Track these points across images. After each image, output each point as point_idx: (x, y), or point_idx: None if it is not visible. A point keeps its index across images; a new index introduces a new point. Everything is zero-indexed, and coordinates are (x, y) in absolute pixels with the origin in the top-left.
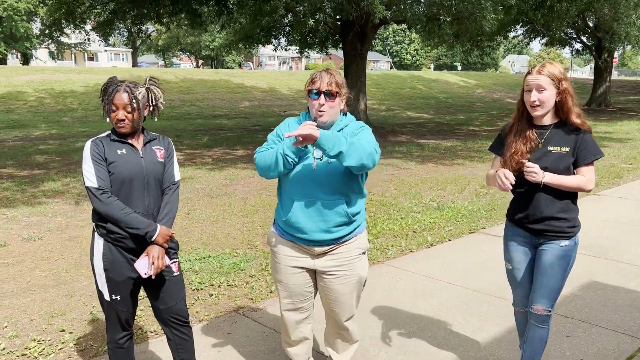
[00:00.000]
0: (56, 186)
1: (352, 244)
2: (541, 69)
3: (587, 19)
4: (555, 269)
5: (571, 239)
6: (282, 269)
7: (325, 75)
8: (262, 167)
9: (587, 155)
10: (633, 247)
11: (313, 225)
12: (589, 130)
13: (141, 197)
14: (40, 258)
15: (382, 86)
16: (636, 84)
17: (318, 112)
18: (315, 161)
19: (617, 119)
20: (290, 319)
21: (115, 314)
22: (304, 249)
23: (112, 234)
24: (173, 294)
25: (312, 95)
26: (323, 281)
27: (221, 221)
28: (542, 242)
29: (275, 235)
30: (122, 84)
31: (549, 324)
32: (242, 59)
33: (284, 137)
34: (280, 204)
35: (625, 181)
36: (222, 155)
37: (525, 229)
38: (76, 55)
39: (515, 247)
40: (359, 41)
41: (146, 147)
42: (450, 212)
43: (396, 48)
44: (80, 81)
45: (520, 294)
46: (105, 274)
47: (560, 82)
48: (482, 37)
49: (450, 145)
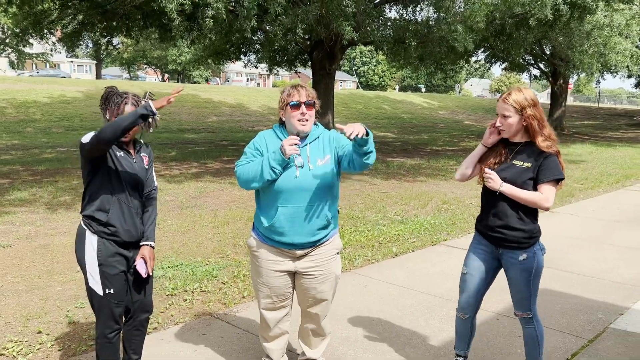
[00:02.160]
0: (23, 195)
1: (329, 245)
2: (507, 97)
3: (544, 46)
4: (520, 282)
5: (529, 250)
6: (264, 272)
7: (301, 89)
8: (245, 179)
9: (547, 174)
10: (579, 259)
11: (297, 230)
12: (555, 153)
13: (130, 196)
14: (10, 265)
15: (349, 105)
16: (590, 109)
17: (300, 122)
18: (298, 170)
19: (571, 142)
20: (270, 317)
21: (109, 308)
22: (286, 253)
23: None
24: (146, 288)
25: (292, 107)
26: (303, 281)
27: (192, 231)
28: (501, 252)
29: (257, 241)
30: (128, 95)
31: (535, 323)
32: (209, 74)
33: (270, 151)
34: (261, 211)
35: (577, 200)
36: (191, 168)
37: (486, 237)
38: (37, 66)
39: (475, 255)
40: (328, 60)
41: (137, 154)
42: (414, 226)
43: (363, 69)
44: (44, 91)
45: (465, 299)
46: (100, 269)
47: (524, 109)
48: (446, 59)
49: (414, 163)
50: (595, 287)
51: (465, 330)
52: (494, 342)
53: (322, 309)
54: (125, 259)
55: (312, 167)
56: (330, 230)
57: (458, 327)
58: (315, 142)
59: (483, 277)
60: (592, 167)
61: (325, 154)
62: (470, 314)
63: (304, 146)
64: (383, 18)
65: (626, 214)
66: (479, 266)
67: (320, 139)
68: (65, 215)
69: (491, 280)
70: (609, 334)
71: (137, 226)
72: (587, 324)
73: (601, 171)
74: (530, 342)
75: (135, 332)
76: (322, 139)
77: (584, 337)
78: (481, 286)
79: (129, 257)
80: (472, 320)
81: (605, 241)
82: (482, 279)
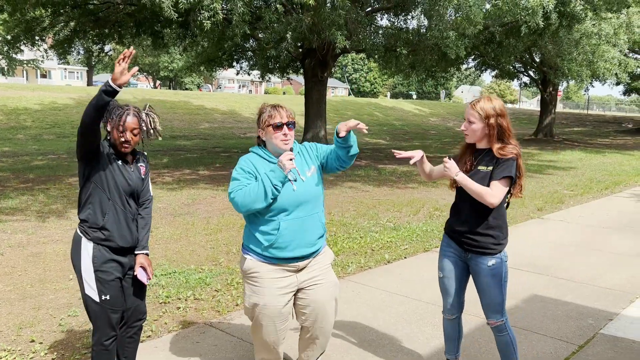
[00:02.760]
0: (14, 204)
1: (324, 255)
2: (475, 104)
3: (533, 54)
4: (491, 288)
5: (497, 256)
6: (265, 291)
7: (281, 109)
8: (246, 203)
9: (498, 172)
10: (569, 265)
11: (299, 242)
12: (513, 156)
13: (128, 203)
14: (2, 273)
15: (341, 112)
16: (579, 116)
17: (283, 142)
18: (293, 183)
19: (561, 148)
20: (272, 341)
21: (105, 315)
22: (288, 268)
23: (103, 231)
24: (139, 294)
25: (275, 128)
26: (307, 294)
27: (184, 239)
28: (470, 257)
29: (253, 261)
30: (129, 108)
31: (507, 329)
32: (201, 81)
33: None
34: (259, 233)
35: (567, 206)
36: (183, 175)
37: (455, 240)
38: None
39: (447, 258)
40: (320, 68)
41: (134, 164)
42: (406, 232)
43: (355, 76)
44: (35, 99)
45: (449, 301)
46: (95, 275)
47: (489, 117)
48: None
49: (406, 170)
50: (585, 293)
51: (454, 332)
52: (485, 348)
53: (328, 322)
54: (120, 265)
55: (304, 179)
56: (324, 239)
57: (446, 329)
58: (298, 156)
59: (459, 278)
60: (582, 174)
61: (310, 165)
62: (457, 313)
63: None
64: (375, 26)
65: (615, 220)
66: (452, 269)
67: (301, 152)
68: (57, 223)
69: (467, 280)
70: (598, 340)
71: (133, 232)
72: (577, 330)
73: (590, 177)
74: (505, 349)
75: (128, 339)
76: (302, 152)
77: (574, 343)
78: (459, 287)
79: (124, 264)
80: (459, 321)
81: (594, 247)
82: (458, 279)
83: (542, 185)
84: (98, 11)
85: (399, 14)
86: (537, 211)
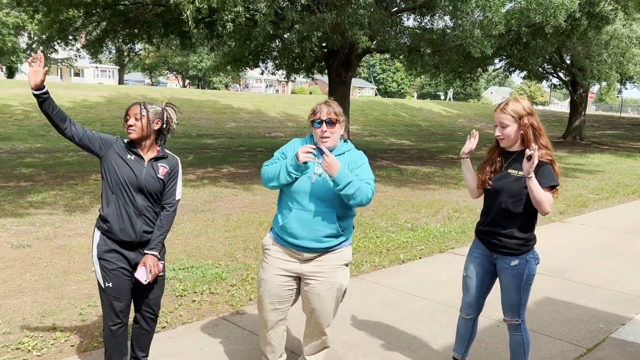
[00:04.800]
0: (43, 198)
1: (337, 254)
2: (504, 107)
3: (563, 55)
4: (511, 288)
5: (521, 257)
6: (269, 268)
7: (324, 106)
8: (265, 178)
9: (543, 180)
10: (588, 269)
11: (305, 233)
12: (548, 162)
13: (134, 198)
14: (29, 264)
15: (366, 112)
16: (612, 119)
17: (322, 139)
18: (315, 177)
19: (589, 151)
20: (267, 318)
21: (109, 301)
22: (294, 254)
23: (105, 223)
24: (154, 290)
25: (315, 125)
26: (307, 286)
27: (204, 235)
28: (496, 257)
29: (271, 239)
30: (138, 102)
31: (523, 330)
32: (229, 81)
33: (287, 155)
34: (279, 212)
35: (590, 210)
36: (207, 173)
37: (483, 241)
38: (62, 71)
39: (473, 259)
40: (344, 68)
41: (152, 161)
42: (423, 233)
43: (382, 76)
44: (67, 96)
45: (467, 300)
46: (99, 262)
47: (522, 118)
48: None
49: (428, 171)
50: (599, 297)
51: (466, 332)
52: (492, 348)
53: (325, 314)
54: (124, 257)
55: (330, 178)
56: (341, 241)
57: (460, 327)
58: (340, 157)
59: (482, 280)
60: (609, 178)
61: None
62: (473, 314)
63: None
64: (400, 27)
65: (639, 225)
66: (477, 270)
67: (345, 156)
68: (82, 217)
69: (490, 284)
70: (608, 344)
71: (137, 228)
72: (587, 333)
73: (618, 181)
74: (516, 349)
75: (142, 331)
76: (346, 156)
77: (582, 346)
78: (481, 288)
79: (129, 258)
80: (474, 322)
81: (615, 252)
82: (482, 281)
83: (566, 189)
84: (128, 12)
85: (424, 15)
86: (559, 214)
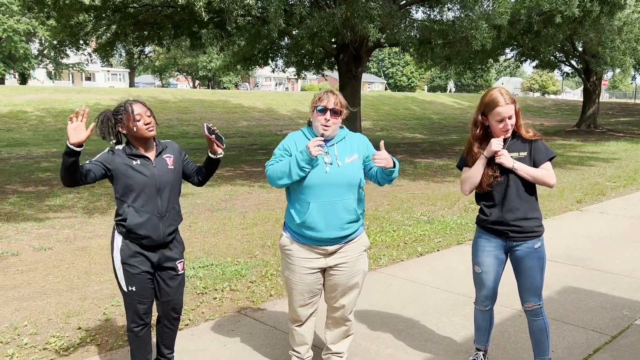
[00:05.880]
0: (61, 201)
1: (358, 242)
2: (506, 99)
3: (575, 43)
4: (535, 271)
5: (540, 238)
6: (297, 269)
7: (331, 95)
8: (274, 177)
9: (542, 155)
10: (608, 257)
11: (328, 224)
12: (539, 137)
13: (154, 201)
14: (52, 266)
15: (377, 107)
16: (626, 105)
17: (323, 127)
18: (327, 166)
19: (604, 139)
20: (301, 313)
21: (133, 304)
22: (318, 250)
23: (130, 233)
24: (174, 289)
25: (318, 111)
26: (332, 277)
27: (222, 233)
28: (514, 245)
29: (289, 239)
30: (129, 102)
31: (543, 314)
32: (238, 80)
33: (298, 150)
34: (293, 209)
35: (608, 198)
36: (221, 172)
37: (497, 233)
38: (73, 75)
39: (487, 253)
40: (354, 63)
41: (158, 157)
42: (440, 226)
43: (392, 70)
44: (80, 100)
45: (484, 294)
46: (122, 267)
47: (515, 104)
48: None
49: (442, 164)
50: (621, 285)
51: (485, 322)
52: (515, 338)
53: (350, 301)
54: (147, 259)
55: (341, 164)
56: (359, 227)
57: (478, 319)
58: (342, 142)
59: (497, 272)
60: (626, 165)
61: (352, 153)
62: (491, 305)
63: (331, 146)
64: (410, 19)
65: None
66: (492, 263)
67: (347, 139)
68: (101, 219)
69: (502, 272)
70: (633, 331)
71: (159, 230)
72: (611, 321)
73: (635, 169)
74: (540, 334)
75: (166, 329)
76: (348, 139)
77: (607, 334)
78: (496, 280)
79: (152, 260)
80: (492, 312)
81: (634, 239)
82: (497, 273)
83: (583, 177)
84: (138, 14)
85: (434, 7)
86: (576, 203)
